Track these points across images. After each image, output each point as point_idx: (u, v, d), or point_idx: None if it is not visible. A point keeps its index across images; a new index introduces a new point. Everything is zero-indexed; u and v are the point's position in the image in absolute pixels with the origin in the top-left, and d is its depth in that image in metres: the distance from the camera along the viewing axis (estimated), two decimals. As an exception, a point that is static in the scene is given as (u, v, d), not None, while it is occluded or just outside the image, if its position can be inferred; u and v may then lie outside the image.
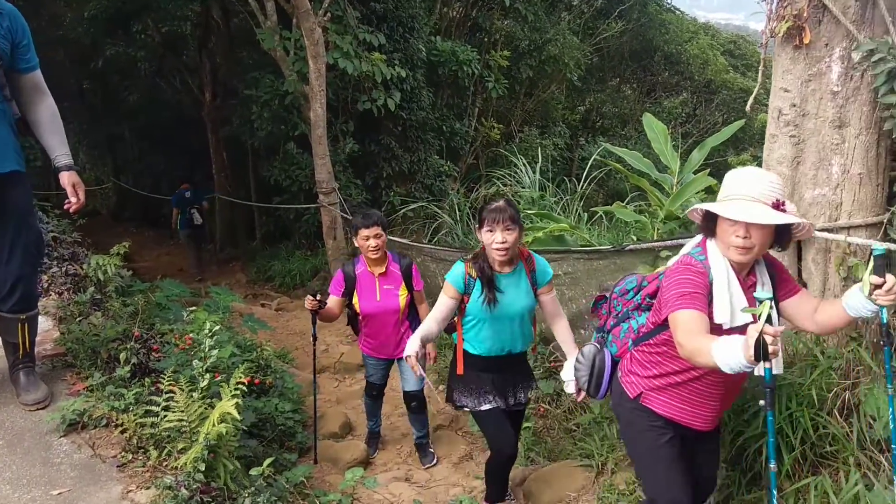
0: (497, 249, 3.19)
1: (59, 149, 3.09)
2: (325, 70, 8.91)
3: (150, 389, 3.19)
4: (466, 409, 3.67)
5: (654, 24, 17.61)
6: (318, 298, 4.12)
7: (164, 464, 2.92)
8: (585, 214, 7.61)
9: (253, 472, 2.81)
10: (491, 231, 3.18)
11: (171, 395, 2.83)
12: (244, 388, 2.95)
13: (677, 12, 19.30)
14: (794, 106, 3.21)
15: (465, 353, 3.53)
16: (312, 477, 4.11)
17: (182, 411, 2.77)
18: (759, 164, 3.61)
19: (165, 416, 2.81)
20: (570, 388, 3.16)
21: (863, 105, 3.10)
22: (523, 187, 8.44)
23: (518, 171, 8.66)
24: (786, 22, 3.03)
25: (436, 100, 12.02)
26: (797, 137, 3.23)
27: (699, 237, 2.62)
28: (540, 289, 3.41)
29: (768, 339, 1.94)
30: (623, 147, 10.22)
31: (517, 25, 13.94)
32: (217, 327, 3.12)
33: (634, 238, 6.53)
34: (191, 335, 4.47)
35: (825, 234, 3.17)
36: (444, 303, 3.33)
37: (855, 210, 3.15)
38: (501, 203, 3.24)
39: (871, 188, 3.15)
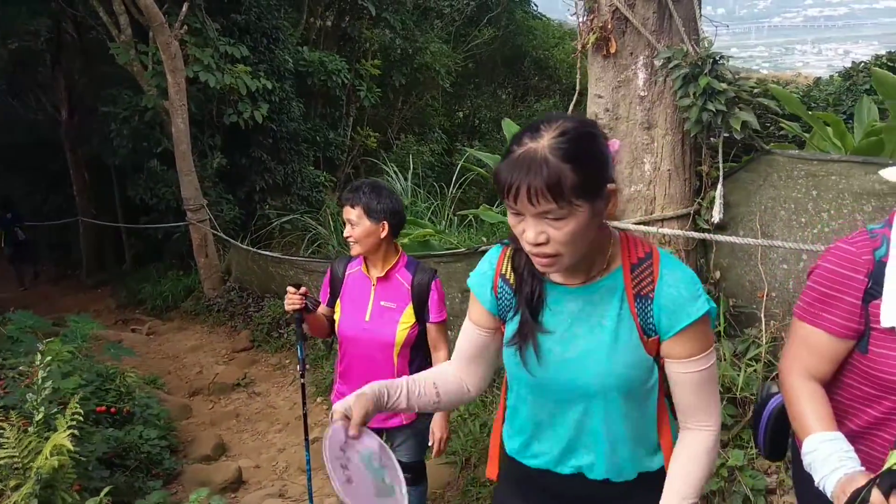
0: (534, 254, 1.46)
1: None
2: (186, 84, 8.73)
3: None
4: None
5: (521, 30, 18.17)
6: (301, 291, 2.89)
7: (-2, 503, 2.83)
8: (455, 218, 7.80)
9: (89, 503, 2.75)
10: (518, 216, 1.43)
11: (1, 430, 2.74)
12: (81, 418, 2.89)
13: (544, 18, 19.97)
14: (608, 111, 3.45)
15: (501, 446, 1.84)
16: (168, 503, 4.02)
17: (13, 447, 2.69)
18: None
19: (-6, 452, 2.72)
20: None
21: (667, 108, 3.38)
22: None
23: (390, 178, 8.77)
24: (594, 34, 3.27)
25: (308, 110, 11.97)
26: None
27: None
28: (667, 338, 1.54)
29: None
30: (495, 150, 10.54)
31: (387, 35, 14.07)
32: (49, 357, 3.03)
33: (484, 239, 6.79)
34: (36, 367, 4.32)
35: (642, 227, 3.43)
36: (468, 335, 1.73)
37: (666, 203, 3.42)
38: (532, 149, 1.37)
39: (680, 183, 3.43)
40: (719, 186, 3.30)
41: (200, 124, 9.87)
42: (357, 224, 2.70)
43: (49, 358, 2.99)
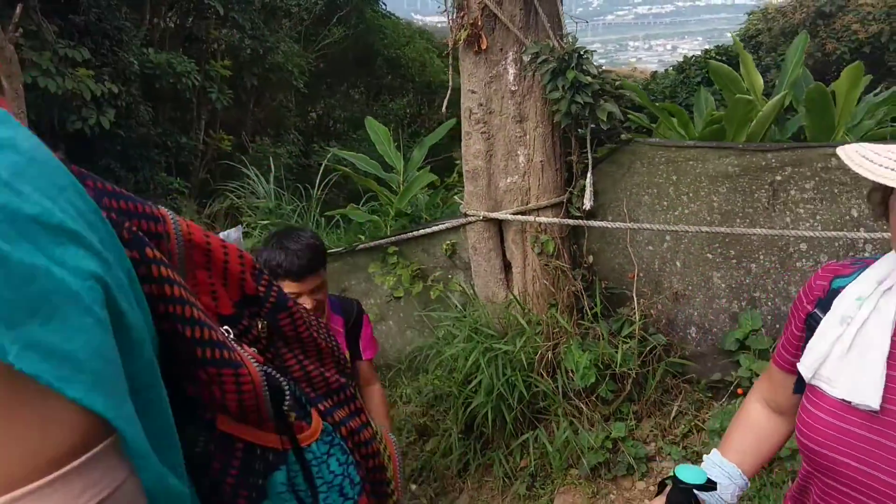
0: None
1: None
2: (24, 90, 8.10)
3: None
4: None
5: (372, 29, 18.20)
6: None
7: None
8: (322, 220, 7.72)
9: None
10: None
11: None
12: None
13: (393, 17, 20.10)
14: (482, 105, 3.58)
15: None
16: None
17: None
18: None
19: None
20: None
21: (537, 101, 3.54)
22: (259, 198, 8.35)
23: (251, 181, 8.54)
24: (464, 30, 3.37)
25: (157, 114, 11.43)
26: (487, 133, 3.61)
27: None
28: None
29: None
30: (352, 150, 10.50)
31: (235, 35, 13.66)
32: None
33: (363, 237, 6.80)
34: None
35: (519, 217, 3.58)
36: None
37: (541, 193, 3.59)
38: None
39: (552, 173, 3.61)
40: (589, 175, 3.51)
41: (39, 132, 9.18)
42: (319, 291, 2.18)
43: None
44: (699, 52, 14.78)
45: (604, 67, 3.80)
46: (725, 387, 3.45)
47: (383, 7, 18.98)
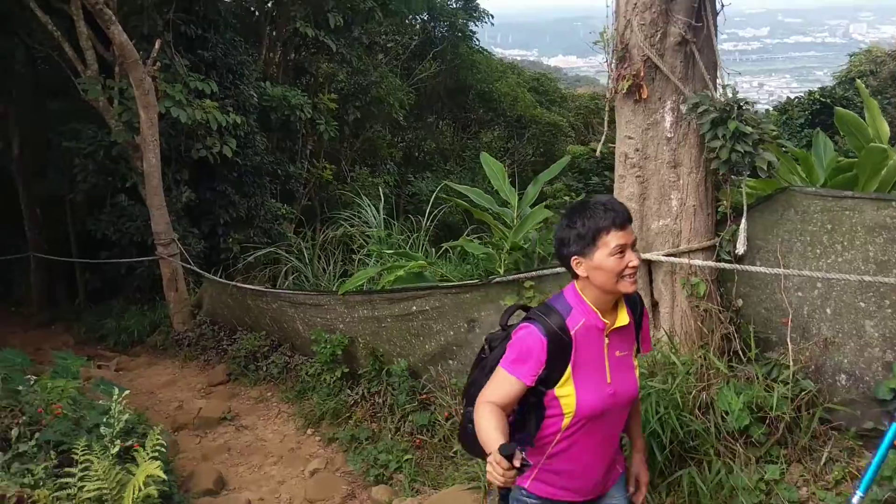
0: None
1: None
2: (157, 119, 8.70)
3: (55, 462, 3.09)
4: None
5: (465, 64, 18.67)
6: (520, 461, 1.91)
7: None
8: (433, 249, 7.97)
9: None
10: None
11: (88, 464, 2.77)
12: (164, 448, 2.94)
13: (486, 52, 20.56)
14: (638, 150, 3.74)
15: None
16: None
17: (100, 479, 2.73)
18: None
19: (84, 486, 2.75)
20: None
21: (692, 148, 3.68)
22: (370, 227, 8.68)
23: (363, 211, 8.89)
24: (627, 81, 3.55)
25: (269, 143, 12.02)
26: (642, 177, 3.76)
27: None
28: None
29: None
30: (441, 181, 10.81)
31: (341, 68, 14.27)
32: (126, 392, 3.09)
33: (481, 269, 6.99)
34: (59, 403, 4.30)
35: (671, 259, 3.70)
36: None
37: (692, 236, 3.71)
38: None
39: (704, 217, 3.73)
40: (743, 220, 3.61)
41: (168, 159, 9.80)
42: (634, 249, 2.22)
43: (126, 392, 3.03)
44: (787, 90, 14.62)
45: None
46: (878, 435, 3.46)
47: (477, 43, 19.43)
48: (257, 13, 13.05)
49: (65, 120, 10.66)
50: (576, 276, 2.26)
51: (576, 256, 2.20)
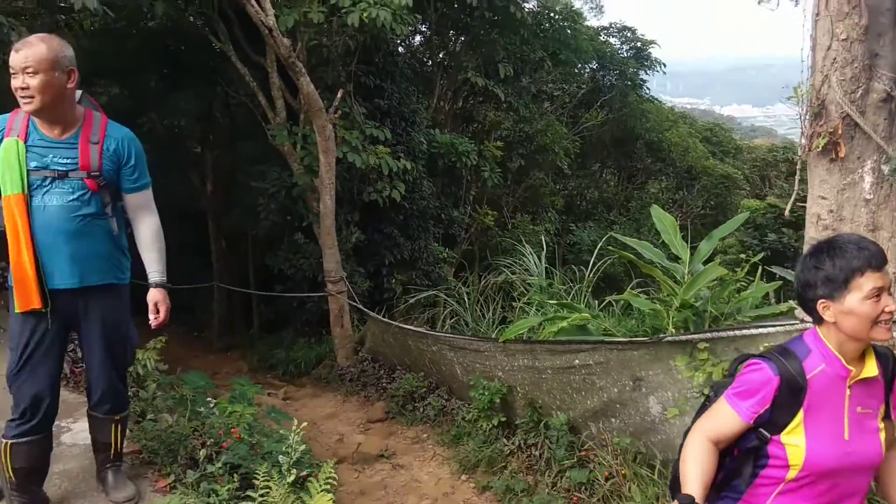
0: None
1: (152, 266, 3.30)
2: (335, 163, 9.21)
3: (237, 484, 3.31)
4: None
5: (634, 113, 18.39)
6: None
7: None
8: (596, 302, 7.82)
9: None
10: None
11: (267, 490, 2.92)
12: (335, 482, 3.05)
13: (656, 101, 20.18)
14: (832, 212, 3.48)
15: None
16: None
17: (282, 506, 2.85)
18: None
19: (263, 511, 2.89)
20: None
21: (893, 211, 3.38)
22: (531, 275, 8.67)
23: (525, 258, 8.91)
24: (822, 138, 3.33)
25: (434, 188, 12.39)
26: (835, 240, 3.49)
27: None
28: None
29: None
30: (606, 231, 10.59)
31: (508, 116, 14.52)
32: (304, 424, 3.25)
33: (647, 326, 6.75)
34: (236, 428, 4.56)
35: (867, 331, 3.39)
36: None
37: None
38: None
39: (906, 286, 3.39)
40: (955, 293, 3.25)
41: (341, 201, 10.34)
42: (890, 293, 2.02)
43: (304, 424, 3.18)
44: None
45: None
46: None
47: (647, 92, 19.13)
48: (431, 64, 13.60)
49: (253, 162, 11.54)
50: (819, 322, 2.09)
51: (823, 300, 2.03)
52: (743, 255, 6.72)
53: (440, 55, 13.51)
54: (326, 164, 9.05)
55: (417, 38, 13.85)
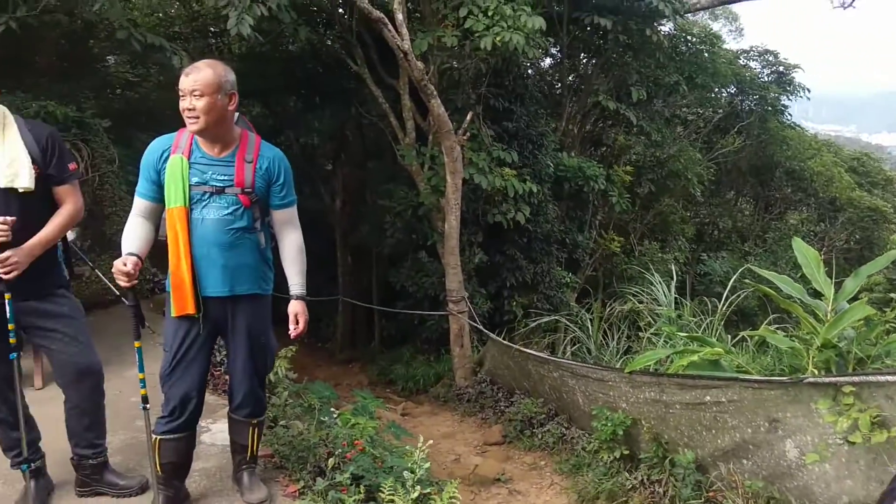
0: None
1: (293, 279, 3.41)
2: (461, 184, 9.27)
3: (363, 496, 3.35)
4: None
5: (774, 140, 17.49)
6: None
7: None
8: (728, 336, 7.41)
9: None
10: None
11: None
12: (458, 502, 3.00)
13: (798, 128, 19.11)
14: None
15: None
16: None
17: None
18: None
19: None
20: None
21: None
22: (659, 304, 8.34)
23: (653, 287, 8.58)
24: None
25: (559, 212, 12.22)
26: None
27: None
28: None
29: None
30: (741, 263, 10.02)
31: (638, 140, 14.17)
32: (430, 442, 3.24)
33: (784, 365, 6.31)
34: (360, 440, 4.62)
35: None
36: None
37: None
38: None
39: None
40: None
41: (465, 221, 10.39)
42: None
43: (430, 442, 3.17)
44: None
45: None
46: None
47: (788, 118, 18.15)
48: (560, 86, 13.47)
49: (381, 180, 11.82)
50: None
51: None
52: (893, 295, 6.20)
53: (570, 78, 13.36)
54: (453, 184, 9.12)
55: (548, 60, 13.78)
